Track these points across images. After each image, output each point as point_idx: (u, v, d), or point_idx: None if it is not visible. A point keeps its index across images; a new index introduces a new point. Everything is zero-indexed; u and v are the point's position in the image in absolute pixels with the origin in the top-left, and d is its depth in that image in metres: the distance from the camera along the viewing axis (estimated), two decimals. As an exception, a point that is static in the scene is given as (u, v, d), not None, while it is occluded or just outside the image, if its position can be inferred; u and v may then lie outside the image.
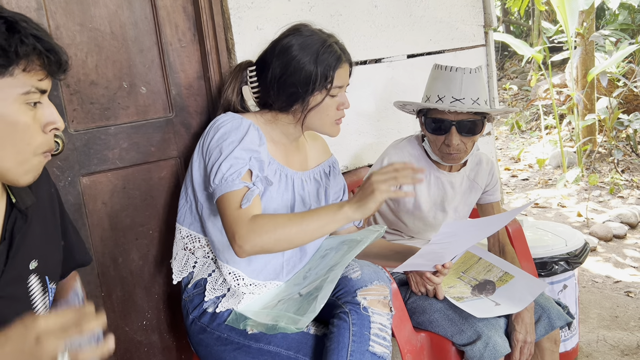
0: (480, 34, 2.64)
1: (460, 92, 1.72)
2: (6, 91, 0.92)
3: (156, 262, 1.81)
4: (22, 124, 0.94)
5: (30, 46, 0.92)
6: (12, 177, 0.98)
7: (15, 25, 0.91)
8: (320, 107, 1.51)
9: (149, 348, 1.83)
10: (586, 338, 2.62)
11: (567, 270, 2.26)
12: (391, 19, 2.31)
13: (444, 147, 1.78)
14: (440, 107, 1.72)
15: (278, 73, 1.49)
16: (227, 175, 1.38)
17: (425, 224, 1.93)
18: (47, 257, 1.14)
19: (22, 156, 0.96)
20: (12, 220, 1.04)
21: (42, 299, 1.13)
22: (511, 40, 5.68)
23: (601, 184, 5.05)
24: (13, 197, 1.06)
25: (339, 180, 1.74)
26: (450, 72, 1.74)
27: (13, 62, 0.91)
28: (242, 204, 1.36)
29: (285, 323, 1.38)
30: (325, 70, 1.47)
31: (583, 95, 5.46)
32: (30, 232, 1.09)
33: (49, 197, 1.19)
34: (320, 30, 1.54)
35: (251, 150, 1.44)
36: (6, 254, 1.02)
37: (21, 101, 0.94)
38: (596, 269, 3.44)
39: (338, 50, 1.50)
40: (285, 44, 1.49)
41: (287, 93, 1.49)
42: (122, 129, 1.71)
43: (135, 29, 1.71)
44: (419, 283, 1.79)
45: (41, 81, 0.96)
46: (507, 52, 10.25)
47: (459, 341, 1.68)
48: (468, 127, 1.74)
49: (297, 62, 1.46)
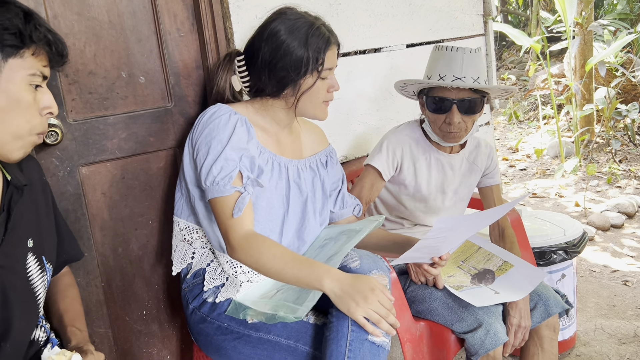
0: (480, 23, 2.63)
1: (461, 71, 1.75)
2: (16, 70, 1.02)
3: (156, 252, 1.81)
4: (26, 101, 1.04)
5: (43, 34, 1.04)
6: (6, 151, 1.07)
7: (30, 14, 1.03)
8: (311, 90, 1.50)
9: (149, 337, 1.84)
10: (584, 327, 2.64)
11: (566, 259, 2.27)
12: (390, 8, 2.30)
13: (445, 125, 1.80)
14: (442, 84, 1.75)
15: (268, 58, 1.48)
16: (219, 180, 1.40)
17: (426, 206, 1.94)
18: (43, 238, 1.21)
19: (20, 132, 1.06)
20: (9, 194, 1.13)
21: (40, 278, 1.18)
22: (509, 30, 5.66)
23: (599, 173, 5.06)
24: (8, 175, 1.15)
25: (337, 170, 1.73)
26: (451, 52, 1.76)
27: (26, 45, 1.02)
28: (234, 212, 1.40)
29: (284, 312, 1.39)
30: (315, 52, 1.47)
31: (581, 85, 5.46)
32: (26, 210, 1.17)
33: (41, 185, 1.27)
34: (306, 12, 1.53)
35: (240, 148, 1.45)
36: (5, 225, 1.10)
37: (27, 82, 1.04)
38: (594, 259, 3.46)
39: (326, 32, 1.50)
40: (273, 29, 1.48)
41: (277, 77, 1.49)
42: (121, 118, 1.70)
43: (134, 18, 1.70)
44: (418, 273, 1.80)
45: (45, 67, 1.07)
46: (505, 42, 10.23)
47: (459, 329, 1.69)
48: (468, 106, 1.77)
49: (287, 45, 1.46)
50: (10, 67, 1.01)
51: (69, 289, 1.40)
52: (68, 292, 1.39)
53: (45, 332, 1.25)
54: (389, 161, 1.87)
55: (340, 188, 1.73)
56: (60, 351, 1.13)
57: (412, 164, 1.89)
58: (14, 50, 1.01)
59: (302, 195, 1.59)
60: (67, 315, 1.32)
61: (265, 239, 1.41)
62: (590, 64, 5.25)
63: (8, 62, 1.01)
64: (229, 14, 1.83)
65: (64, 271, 1.43)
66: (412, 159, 1.89)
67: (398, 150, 1.88)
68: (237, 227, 1.40)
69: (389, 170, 1.88)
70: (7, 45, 1.00)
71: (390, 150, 1.87)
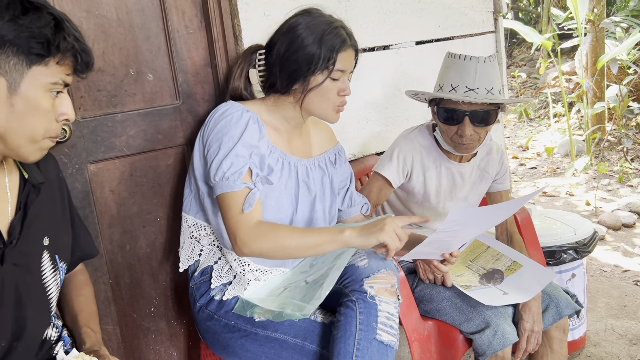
0: (490, 20, 2.61)
1: (474, 81, 1.69)
2: (38, 78, 1.02)
3: (163, 250, 1.81)
4: (44, 108, 1.05)
5: (70, 44, 1.04)
6: (23, 154, 1.07)
7: (61, 24, 1.03)
8: (320, 88, 1.49)
9: (157, 335, 1.84)
10: (594, 327, 2.61)
11: (576, 259, 2.25)
12: (399, 5, 2.28)
13: (457, 137, 1.75)
14: (454, 98, 1.69)
15: (282, 50, 1.48)
16: (229, 175, 1.40)
17: (435, 213, 1.92)
18: (57, 237, 1.22)
19: (35, 136, 1.06)
20: (26, 193, 1.14)
21: (52, 276, 1.19)
22: (520, 28, 5.62)
23: (610, 172, 5.02)
24: (25, 173, 1.16)
25: (345, 168, 1.73)
26: (464, 61, 1.71)
27: (52, 54, 1.02)
28: (244, 208, 1.39)
29: (291, 310, 1.39)
30: (328, 51, 1.46)
31: (593, 82, 5.41)
32: (42, 208, 1.18)
33: (57, 182, 1.27)
34: (331, 15, 1.53)
35: (251, 145, 1.44)
36: (21, 223, 1.11)
37: (47, 89, 1.04)
38: (605, 258, 3.43)
39: (344, 34, 1.49)
40: (292, 23, 1.49)
41: (288, 71, 1.48)
42: (129, 116, 1.70)
43: (142, 16, 1.70)
44: (427, 270, 1.79)
45: (68, 76, 1.07)
46: (516, 39, 10.16)
47: (467, 329, 1.68)
48: (481, 117, 1.71)
49: (302, 40, 1.46)
50: (32, 74, 1.01)
51: (83, 287, 1.40)
52: (83, 290, 1.39)
53: (57, 331, 1.25)
54: (399, 169, 1.84)
55: (349, 186, 1.73)
56: (78, 354, 1.13)
57: (422, 173, 1.87)
58: (39, 58, 1.01)
59: (310, 194, 1.59)
60: (81, 315, 1.32)
61: (274, 223, 1.42)
62: (602, 61, 5.20)
63: (31, 69, 1.01)
64: (237, 11, 1.83)
65: (78, 269, 1.43)
66: (422, 167, 1.86)
67: (408, 159, 1.84)
68: (246, 222, 1.39)
69: (398, 179, 1.85)
70: (33, 53, 1.00)
71: (400, 159, 1.84)
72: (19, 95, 1.01)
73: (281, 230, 1.40)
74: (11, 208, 1.12)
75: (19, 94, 1.01)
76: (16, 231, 1.10)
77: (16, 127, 1.02)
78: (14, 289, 1.08)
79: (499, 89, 1.73)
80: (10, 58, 0.98)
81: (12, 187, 1.14)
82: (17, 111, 1.01)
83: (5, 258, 1.07)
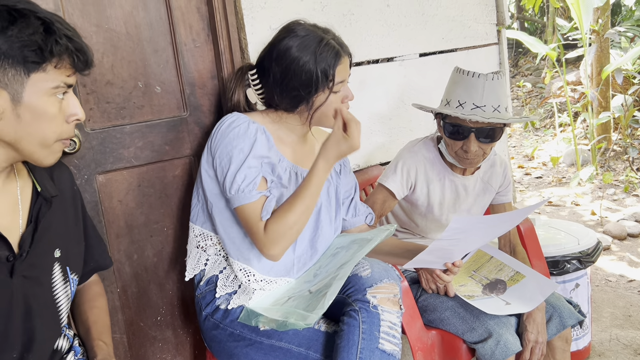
0: (493, 32, 2.63)
1: (481, 99, 1.70)
2: (38, 85, 1.01)
3: (170, 259, 1.84)
4: (50, 114, 1.04)
5: (64, 46, 1.02)
6: (37, 158, 1.08)
7: (51, 26, 1.01)
8: (325, 105, 1.52)
9: (163, 343, 1.86)
10: (599, 337, 2.61)
11: (579, 269, 2.25)
12: (403, 17, 2.31)
13: (461, 151, 1.76)
14: (461, 116, 1.69)
15: (279, 77, 1.50)
16: (244, 187, 1.42)
17: (438, 225, 1.94)
18: (69, 249, 1.22)
19: (46, 141, 1.06)
20: (38, 206, 1.14)
21: (63, 288, 1.19)
22: (525, 38, 5.64)
23: (616, 182, 5.01)
24: (38, 186, 1.16)
25: (350, 178, 1.75)
26: (472, 78, 1.71)
27: (47, 59, 1.01)
28: (263, 215, 1.43)
29: (294, 319, 1.40)
30: (325, 69, 1.47)
31: (598, 92, 5.42)
32: (54, 220, 1.18)
33: (71, 195, 1.27)
34: (315, 25, 1.53)
35: (261, 156, 1.47)
36: (32, 236, 1.11)
37: (50, 94, 1.03)
38: (610, 268, 3.42)
39: (336, 45, 1.50)
40: (283, 48, 1.49)
41: (290, 96, 1.50)
42: (137, 127, 1.73)
43: (150, 30, 1.73)
44: (429, 280, 1.80)
45: (69, 77, 1.06)
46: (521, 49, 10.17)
47: (470, 339, 1.69)
48: (487, 133, 1.72)
49: (297, 64, 1.47)
50: (32, 82, 1.00)
51: (97, 298, 1.41)
52: (97, 302, 1.40)
53: (69, 341, 1.26)
54: (402, 182, 1.85)
55: (353, 196, 1.75)
56: None
57: (426, 186, 1.89)
58: (36, 65, 1.00)
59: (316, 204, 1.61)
60: (95, 327, 1.33)
61: (275, 216, 1.45)
62: (607, 71, 5.21)
63: (30, 78, 1.00)
64: (243, 25, 1.86)
65: (93, 279, 1.43)
66: (426, 180, 1.88)
67: (412, 172, 1.86)
68: (262, 229, 1.43)
69: (402, 191, 1.87)
70: (29, 62, 0.99)
71: (404, 171, 1.85)
72: (24, 105, 1.00)
73: (283, 214, 1.43)
74: (22, 220, 1.12)
75: (23, 104, 1.00)
76: (26, 244, 1.10)
77: (26, 136, 1.03)
78: (23, 301, 1.09)
79: (506, 106, 1.74)
80: (7, 70, 0.98)
81: (24, 200, 1.14)
82: (25, 121, 1.01)
83: (15, 271, 1.07)
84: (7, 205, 1.11)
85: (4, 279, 1.06)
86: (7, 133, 1.02)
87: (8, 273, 1.07)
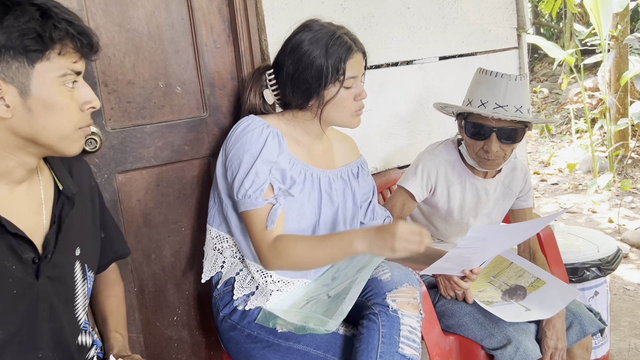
0: (513, 36, 2.62)
1: (504, 99, 1.70)
2: (45, 75, 0.98)
3: (187, 259, 1.84)
4: (62, 104, 1.01)
5: (64, 30, 0.97)
6: (60, 149, 1.05)
7: (48, 12, 0.97)
8: (335, 99, 1.51)
9: (179, 344, 1.86)
10: (617, 346, 2.58)
11: (599, 276, 2.22)
12: (423, 20, 2.30)
13: (482, 152, 1.75)
14: (483, 113, 1.69)
15: (291, 71, 1.50)
16: (251, 193, 1.43)
17: (457, 229, 1.92)
18: (88, 246, 1.22)
19: (64, 132, 1.03)
20: (60, 205, 1.12)
21: (82, 285, 1.19)
22: (543, 43, 5.59)
23: (634, 189, 4.95)
24: (60, 185, 1.14)
25: (368, 181, 1.74)
26: (495, 78, 1.71)
27: (49, 46, 0.96)
28: (268, 224, 1.43)
29: (314, 324, 1.39)
30: (336, 62, 1.47)
31: (616, 99, 5.36)
32: (75, 218, 1.17)
33: (89, 191, 1.26)
34: (330, 23, 1.53)
35: (270, 161, 1.46)
36: (55, 237, 1.10)
37: (59, 83, 1.00)
38: (628, 277, 3.38)
39: (348, 40, 1.50)
40: (296, 41, 1.50)
41: (301, 89, 1.50)
42: (158, 127, 1.74)
43: (172, 30, 1.74)
44: (447, 287, 1.79)
45: (75, 63, 1.02)
46: (537, 54, 10.11)
47: (488, 345, 1.67)
48: (508, 134, 1.71)
49: (308, 57, 1.47)
50: (38, 73, 0.97)
51: (114, 286, 1.41)
52: (114, 290, 1.40)
53: (91, 336, 1.26)
54: (422, 184, 1.84)
55: (371, 199, 1.74)
56: None
57: (446, 188, 1.87)
58: (39, 54, 0.96)
59: (333, 205, 1.60)
60: (111, 318, 1.33)
61: (288, 237, 1.44)
62: (625, 77, 5.15)
63: (35, 68, 0.96)
64: (264, 27, 1.86)
65: (110, 267, 1.43)
66: (447, 183, 1.87)
67: (433, 174, 1.85)
68: (266, 239, 1.43)
69: (422, 194, 1.86)
70: (30, 51, 0.95)
71: (425, 174, 1.84)
72: (33, 98, 0.97)
73: (295, 247, 1.42)
74: (46, 221, 1.11)
75: (32, 96, 0.97)
76: (51, 245, 1.08)
77: (42, 129, 0.99)
78: (49, 302, 1.08)
79: (528, 107, 1.73)
80: (10, 63, 0.94)
81: (47, 199, 1.12)
82: (37, 114, 0.98)
83: (41, 272, 1.06)
84: (32, 206, 1.09)
85: (31, 281, 1.05)
86: (22, 128, 0.99)
87: (34, 275, 1.05)
